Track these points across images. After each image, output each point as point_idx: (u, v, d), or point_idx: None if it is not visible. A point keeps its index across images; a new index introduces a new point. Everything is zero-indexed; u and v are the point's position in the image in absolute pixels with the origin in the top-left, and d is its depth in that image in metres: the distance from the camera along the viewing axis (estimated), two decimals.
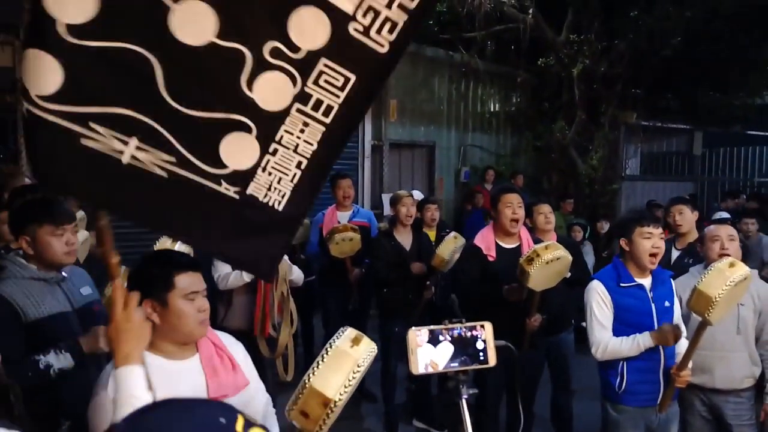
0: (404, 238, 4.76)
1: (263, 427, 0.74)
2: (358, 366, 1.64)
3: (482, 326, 1.86)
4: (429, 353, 1.84)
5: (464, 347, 1.84)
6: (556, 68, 10.03)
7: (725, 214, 5.82)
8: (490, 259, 3.62)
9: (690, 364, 2.86)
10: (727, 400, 3.14)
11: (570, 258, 3.24)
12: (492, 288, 3.44)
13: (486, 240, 3.68)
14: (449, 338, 1.83)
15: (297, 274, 4.08)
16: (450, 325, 1.84)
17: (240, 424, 0.71)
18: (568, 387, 4.48)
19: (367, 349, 1.69)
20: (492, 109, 10.78)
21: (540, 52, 10.20)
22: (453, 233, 4.63)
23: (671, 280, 3.11)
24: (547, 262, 3.11)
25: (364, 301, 5.34)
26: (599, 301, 3.03)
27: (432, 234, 5.04)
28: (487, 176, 9.41)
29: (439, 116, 9.99)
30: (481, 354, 1.86)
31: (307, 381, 1.53)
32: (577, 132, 10.01)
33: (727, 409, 3.14)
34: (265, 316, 3.80)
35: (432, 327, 1.84)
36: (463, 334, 1.85)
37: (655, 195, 9.57)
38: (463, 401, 1.82)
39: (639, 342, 2.91)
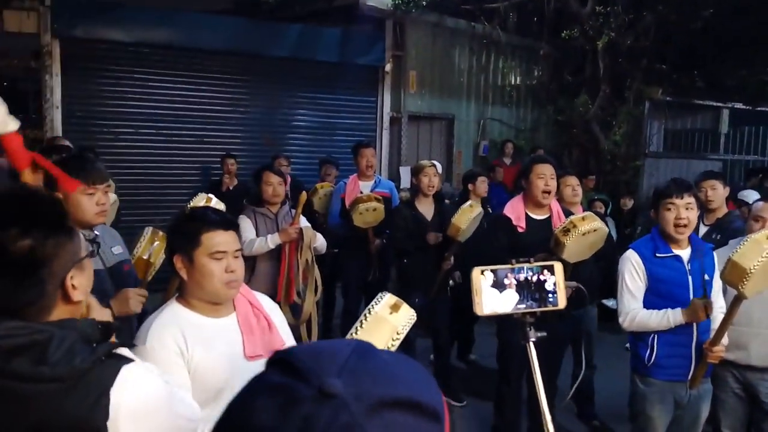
0: (426, 209, 4.70)
1: None
2: (398, 333, 1.62)
3: (551, 268, 1.81)
4: (494, 295, 1.80)
5: (531, 290, 1.81)
6: (581, 41, 9.82)
7: (755, 194, 5.67)
8: (520, 230, 3.53)
9: (725, 340, 2.80)
10: (762, 378, 3.07)
11: (606, 230, 3.17)
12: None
13: (516, 210, 3.59)
14: (515, 281, 1.80)
15: (321, 242, 4.06)
16: (517, 265, 1.79)
17: None
18: (590, 362, 4.44)
19: (406, 316, 1.67)
20: (513, 82, 10.60)
21: (564, 24, 9.98)
22: (469, 202, 4.56)
23: (713, 252, 3.03)
24: (584, 234, 3.04)
25: (383, 272, 5.31)
26: (632, 270, 2.97)
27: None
28: (505, 150, 9.29)
29: (458, 88, 9.85)
30: (550, 296, 1.84)
31: None
32: (601, 107, 9.83)
33: (762, 387, 3.07)
34: (290, 282, 3.78)
35: (497, 267, 1.80)
36: (530, 277, 1.80)
37: (678, 173, 9.37)
38: (531, 344, 1.81)
39: (669, 317, 2.84)
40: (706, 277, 2.91)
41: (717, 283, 2.96)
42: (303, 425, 0.53)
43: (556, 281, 1.83)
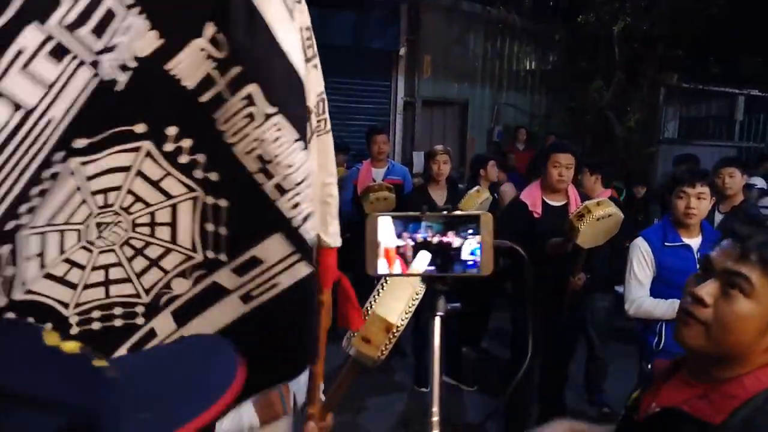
0: (438, 195, 4.69)
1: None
2: (417, 294, 1.61)
3: (476, 220, 1.20)
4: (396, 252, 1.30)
5: (446, 248, 1.22)
6: (595, 26, 9.72)
7: (761, 181, 5.59)
8: (536, 216, 3.53)
9: None
10: None
11: (621, 216, 3.16)
12: (536, 245, 3.35)
13: (532, 196, 3.59)
14: (424, 236, 1.21)
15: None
16: (429, 214, 1.18)
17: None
18: (603, 350, 4.46)
19: (419, 282, 1.67)
20: (527, 68, 10.54)
21: (579, 9, 9.88)
22: (476, 187, 4.55)
23: None
24: (598, 219, 3.04)
25: None
26: (640, 258, 2.98)
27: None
28: (519, 136, 9.26)
29: (473, 73, 9.82)
30: (471, 258, 1.20)
31: (369, 309, 1.53)
32: (615, 93, 9.74)
33: None
34: None
35: (399, 213, 1.23)
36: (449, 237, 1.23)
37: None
38: (438, 319, 1.21)
39: (676, 307, 2.84)
40: None
41: None
42: None
43: (481, 240, 1.21)
